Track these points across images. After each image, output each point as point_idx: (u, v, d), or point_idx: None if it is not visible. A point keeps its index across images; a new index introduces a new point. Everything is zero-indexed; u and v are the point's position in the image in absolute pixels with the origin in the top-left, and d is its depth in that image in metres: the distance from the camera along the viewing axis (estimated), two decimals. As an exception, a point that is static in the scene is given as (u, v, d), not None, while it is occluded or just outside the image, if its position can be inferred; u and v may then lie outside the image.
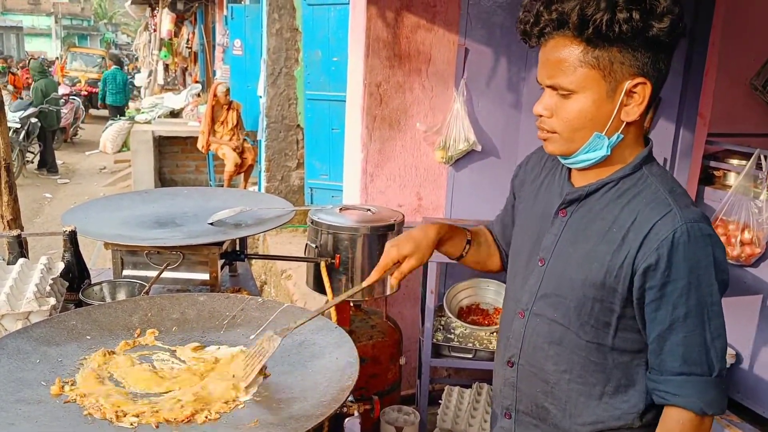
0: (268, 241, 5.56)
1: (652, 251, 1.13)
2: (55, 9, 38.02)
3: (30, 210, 8.01)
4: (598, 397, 1.26)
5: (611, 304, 1.20)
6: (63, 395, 1.20)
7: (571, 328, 1.25)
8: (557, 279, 1.27)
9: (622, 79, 1.14)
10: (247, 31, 7.50)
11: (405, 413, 2.84)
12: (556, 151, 1.24)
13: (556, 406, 1.31)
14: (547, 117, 1.21)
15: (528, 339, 1.33)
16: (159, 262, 1.91)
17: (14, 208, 2.99)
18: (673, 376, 1.16)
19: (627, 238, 1.17)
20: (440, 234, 1.41)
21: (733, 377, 3.29)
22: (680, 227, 1.12)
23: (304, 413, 1.14)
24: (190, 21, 14.14)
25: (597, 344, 1.24)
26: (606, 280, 1.19)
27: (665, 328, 1.15)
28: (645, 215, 1.16)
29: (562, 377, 1.28)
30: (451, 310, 2.93)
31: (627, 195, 1.20)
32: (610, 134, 1.18)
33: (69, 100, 13.24)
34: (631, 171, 1.21)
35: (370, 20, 2.97)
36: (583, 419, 1.28)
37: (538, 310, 1.31)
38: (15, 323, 1.52)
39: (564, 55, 1.14)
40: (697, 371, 1.15)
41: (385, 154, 3.13)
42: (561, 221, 1.28)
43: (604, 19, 1.07)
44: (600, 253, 1.20)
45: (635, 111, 1.17)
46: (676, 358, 1.15)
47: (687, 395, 1.15)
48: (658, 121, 3.30)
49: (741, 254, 3.10)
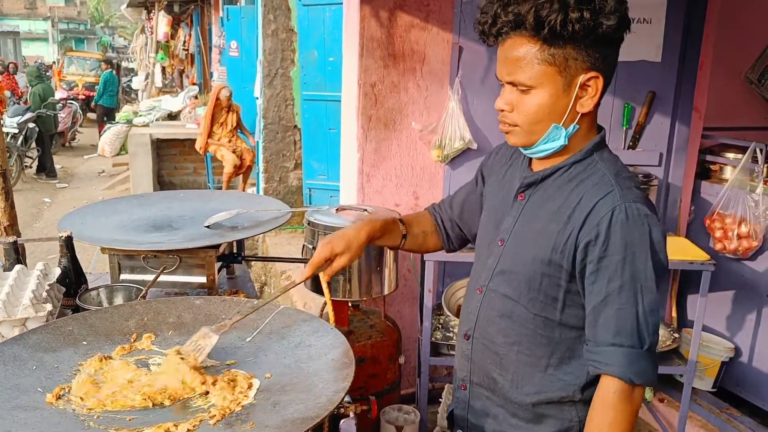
0: (268, 242, 5.56)
1: (592, 227, 1.22)
2: (51, 13, 37.98)
3: (29, 215, 8.01)
4: (543, 368, 1.35)
5: (558, 279, 1.29)
6: (59, 402, 1.20)
7: (521, 301, 1.34)
8: (512, 257, 1.36)
9: (576, 74, 1.21)
10: (243, 32, 7.50)
11: (405, 412, 2.84)
12: (518, 143, 1.33)
13: (504, 377, 1.40)
14: (509, 111, 1.29)
15: (482, 313, 1.42)
16: (156, 266, 1.92)
17: (11, 214, 2.99)
18: (606, 347, 1.23)
19: (572, 216, 1.25)
20: (372, 234, 1.49)
21: (732, 370, 3.30)
22: (619, 206, 1.20)
23: (300, 415, 1.14)
24: (186, 23, 14.12)
25: (544, 318, 1.32)
26: (552, 256, 1.28)
27: (600, 300, 1.23)
28: (589, 196, 1.25)
29: (511, 349, 1.37)
30: (450, 308, 2.93)
31: (577, 179, 1.29)
32: (567, 125, 1.27)
33: (66, 104, 13.24)
34: (582, 157, 1.30)
35: (364, 20, 2.97)
36: (528, 389, 1.37)
37: (493, 286, 1.40)
38: (12, 330, 1.52)
39: (521, 54, 1.21)
40: (627, 343, 1.21)
41: (381, 153, 3.13)
42: (519, 204, 1.38)
43: (558, 19, 1.14)
44: (549, 231, 1.29)
45: (589, 103, 1.25)
46: (609, 329, 1.22)
47: (617, 365, 1.21)
48: (653, 115, 3.30)
49: (738, 248, 3.10)
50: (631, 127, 3.30)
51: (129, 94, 19.98)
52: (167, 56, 14.05)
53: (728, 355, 3.26)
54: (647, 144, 3.33)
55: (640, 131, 3.30)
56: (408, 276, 3.25)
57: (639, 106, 3.28)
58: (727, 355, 3.25)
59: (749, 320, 3.24)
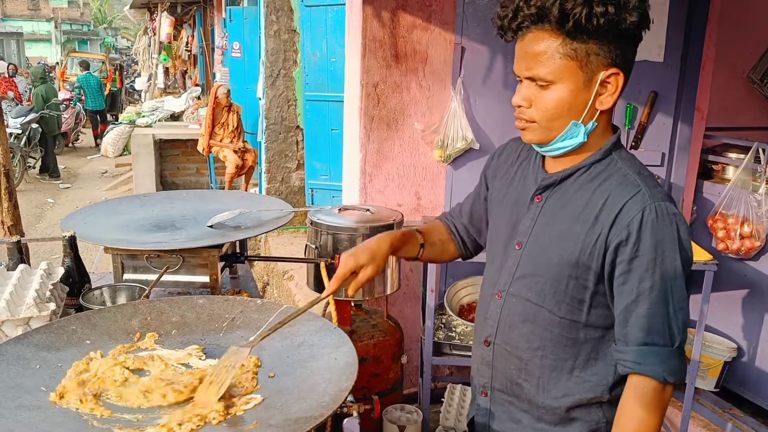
0: (270, 242, 5.57)
1: (623, 228, 1.21)
2: (54, 14, 38.07)
3: (32, 215, 8.03)
4: (569, 371, 1.34)
5: (585, 281, 1.28)
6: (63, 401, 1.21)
7: (546, 305, 1.32)
8: (534, 260, 1.34)
9: (597, 70, 1.20)
10: (246, 33, 7.50)
11: (407, 412, 2.84)
12: (535, 140, 1.30)
13: (529, 382, 1.38)
14: (526, 107, 1.27)
15: (504, 319, 1.40)
16: (159, 266, 1.92)
17: (14, 214, 3.00)
18: (638, 346, 1.22)
19: (600, 217, 1.24)
20: (394, 244, 1.47)
21: (735, 370, 3.29)
22: (649, 205, 1.20)
23: (303, 414, 1.14)
24: (188, 24, 14.16)
25: (570, 321, 1.31)
26: (580, 257, 1.26)
27: (631, 300, 1.22)
28: (616, 195, 1.24)
29: (535, 354, 1.35)
30: (452, 308, 2.93)
31: (598, 178, 1.28)
32: (586, 122, 1.25)
33: (70, 105, 13.26)
34: (602, 156, 1.29)
35: (366, 21, 2.97)
36: (555, 393, 1.35)
37: (514, 291, 1.37)
38: (15, 329, 1.53)
39: (543, 48, 1.20)
40: (659, 342, 1.21)
41: (383, 154, 3.14)
42: (537, 206, 1.35)
43: (583, 12, 1.13)
44: (574, 232, 1.27)
45: (609, 100, 1.24)
46: (641, 328, 1.22)
47: (650, 364, 1.21)
48: (655, 115, 3.30)
49: (741, 248, 3.10)
50: (634, 127, 3.30)
51: (132, 95, 20.02)
52: (170, 57, 14.06)
53: (731, 355, 3.25)
54: (649, 144, 3.33)
55: (642, 131, 3.30)
56: (410, 276, 3.26)
57: (641, 106, 3.28)
58: (729, 355, 3.25)
59: (752, 320, 3.23)
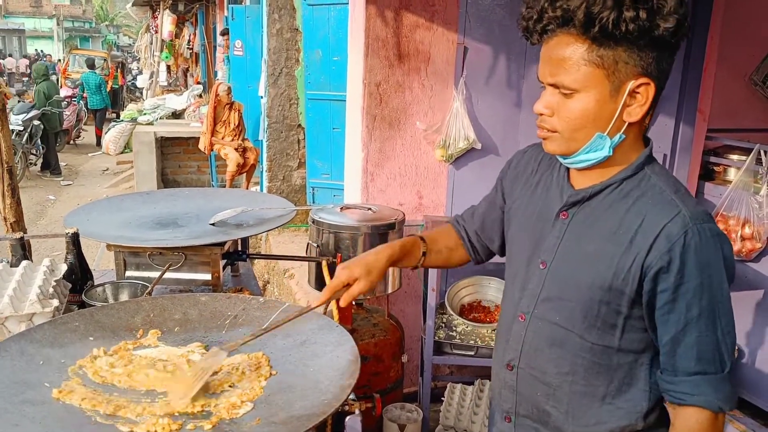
0: (271, 240, 5.57)
1: (663, 253, 1.12)
2: (56, 11, 38.10)
3: (34, 212, 8.03)
4: (602, 398, 1.26)
5: (618, 306, 1.19)
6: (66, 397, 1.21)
7: (575, 330, 1.24)
8: (561, 282, 1.26)
9: (625, 79, 1.12)
10: (248, 31, 7.51)
11: (408, 411, 2.85)
12: (557, 151, 1.22)
13: (557, 409, 1.30)
14: (548, 116, 1.19)
15: (529, 342, 1.31)
16: (161, 263, 1.92)
17: (17, 210, 3.01)
18: (689, 377, 1.16)
19: (635, 240, 1.15)
20: (393, 257, 1.43)
21: (735, 372, 3.30)
22: (691, 228, 1.11)
23: (305, 412, 1.15)
24: (191, 22, 14.16)
25: (603, 346, 1.23)
26: (614, 282, 1.18)
27: (679, 329, 1.15)
28: (653, 217, 1.15)
29: (564, 380, 1.27)
30: (453, 307, 2.94)
31: (631, 196, 1.19)
32: (612, 135, 1.17)
33: (71, 102, 13.27)
34: (634, 172, 1.20)
35: (369, 20, 2.98)
36: (586, 421, 1.28)
37: (539, 314, 1.29)
38: (18, 325, 1.53)
39: (567, 53, 1.12)
40: (711, 370, 1.15)
41: (385, 153, 3.14)
42: (563, 223, 1.26)
43: (611, 17, 1.05)
44: (606, 255, 1.18)
45: (638, 112, 1.15)
46: (691, 358, 1.15)
47: (704, 394, 1.15)
48: (657, 117, 3.30)
49: (742, 249, 3.10)
50: (636, 128, 3.30)
51: (133, 92, 20.02)
52: (172, 55, 14.06)
53: (731, 357, 3.25)
54: (651, 145, 3.33)
55: (644, 132, 3.30)
56: (411, 275, 3.26)
57: (643, 107, 3.28)
58: (730, 357, 3.25)
59: (752, 322, 3.24)
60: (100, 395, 1.23)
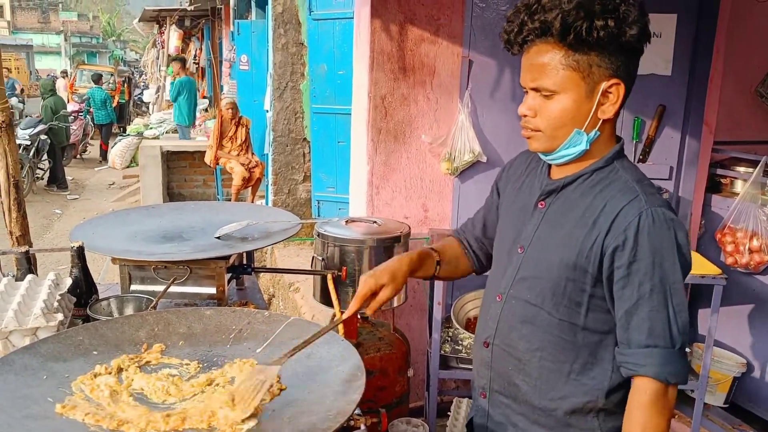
0: (276, 254, 5.57)
1: (619, 233, 1.24)
2: (64, 27, 38.51)
3: (40, 226, 8.06)
4: (567, 374, 1.36)
5: (583, 284, 1.31)
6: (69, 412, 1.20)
7: (545, 307, 1.36)
8: (535, 263, 1.38)
9: (599, 81, 1.26)
10: (254, 46, 7.56)
11: (414, 425, 2.82)
12: (540, 148, 1.35)
13: (527, 383, 1.40)
14: (531, 117, 1.32)
15: (503, 320, 1.43)
16: (166, 277, 1.92)
17: (23, 224, 3.01)
18: (640, 349, 1.25)
19: (597, 222, 1.28)
20: (412, 265, 1.51)
21: (744, 386, 3.26)
22: (645, 211, 1.24)
23: (311, 427, 1.13)
24: (197, 37, 14.28)
25: (569, 323, 1.34)
26: (578, 260, 1.30)
27: (632, 304, 1.25)
28: (614, 201, 1.28)
29: (534, 355, 1.38)
30: (459, 321, 2.92)
31: (600, 185, 1.32)
32: (589, 131, 1.30)
33: (78, 117, 13.35)
34: (604, 164, 1.33)
35: (374, 34, 2.99)
36: (552, 395, 1.38)
37: (514, 293, 1.41)
38: (23, 339, 1.53)
39: (546, 60, 1.26)
40: (661, 344, 1.24)
41: (390, 166, 3.14)
42: (540, 212, 1.40)
43: (584, 26, 1.19)
44: (574, 236, 1.31)
45: (611, 109, 1.29)
46: (642, 331, 1.25)
47: (652, 365, 1.24)
48: (663, 129, 3.29)
49: (750, 262, 3.08)
50: (641, 141, 3.30)
51: (140, 107, 20.15)
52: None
53: (740, 371, 3.22)
54: (657, 157, 3.33)
55: (650, 145, 3.30)
56: (417, 288, 3.25)
57: (649, 120, 3.28)
58: (739, 371, 3.22)
59: (761, 335, 3.21)
60: (103, 410, 1.22)
